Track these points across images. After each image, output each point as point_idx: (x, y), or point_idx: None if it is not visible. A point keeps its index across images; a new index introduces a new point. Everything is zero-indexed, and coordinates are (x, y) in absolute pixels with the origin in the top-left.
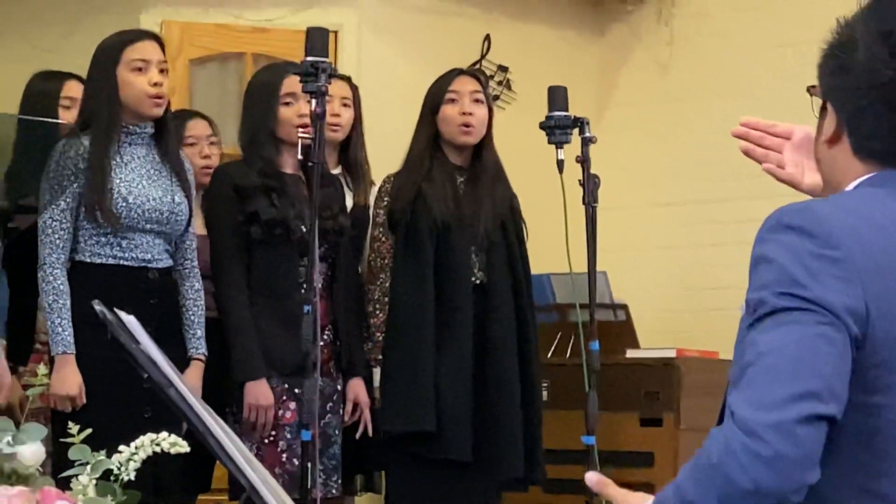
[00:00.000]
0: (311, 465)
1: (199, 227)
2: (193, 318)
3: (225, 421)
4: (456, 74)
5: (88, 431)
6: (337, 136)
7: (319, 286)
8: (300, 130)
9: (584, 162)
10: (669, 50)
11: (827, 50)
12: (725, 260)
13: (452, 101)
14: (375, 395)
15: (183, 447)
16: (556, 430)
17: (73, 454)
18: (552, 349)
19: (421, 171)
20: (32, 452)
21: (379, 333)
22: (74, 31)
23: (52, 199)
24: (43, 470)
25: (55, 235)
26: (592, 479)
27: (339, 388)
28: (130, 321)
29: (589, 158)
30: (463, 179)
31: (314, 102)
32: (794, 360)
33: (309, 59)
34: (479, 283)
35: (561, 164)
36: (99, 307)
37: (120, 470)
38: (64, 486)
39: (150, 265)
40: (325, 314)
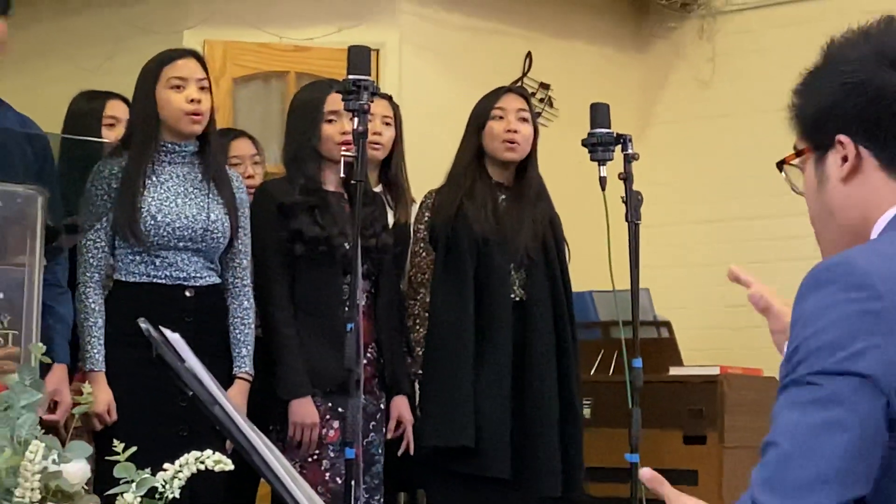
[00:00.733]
0: (354, 483)
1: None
2: (240, 336)
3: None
4: (503, 92)
5: (133, 449)
6: (378, 154)
7: (363, 304)
8: (342, 148)
9: (626, 179)
10: (711, 66)
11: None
12: (768, 277)
13: (498, 117)
14: (416, 411)
15: (227, 465)
16: (599, 447)
17: (118, 472)
18: (595, 366)
19: (463, 187)
20: (78, 470)
21: (419, 349)
22: (117, 51)
23: (88, 219)
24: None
25: (89, 255)
26: (646, 474)
27: (381, 406)
28: (176, 339)
29: (631, 175)
30: (504, 197)
31: (356, 120)
32: (808, 450)
33: (351, 77)
34: (518, 300)
35: (603, 181)
36: (144, 325)
37: (165, 488)
38: None
39: (186, 283)
40: (368, 332)
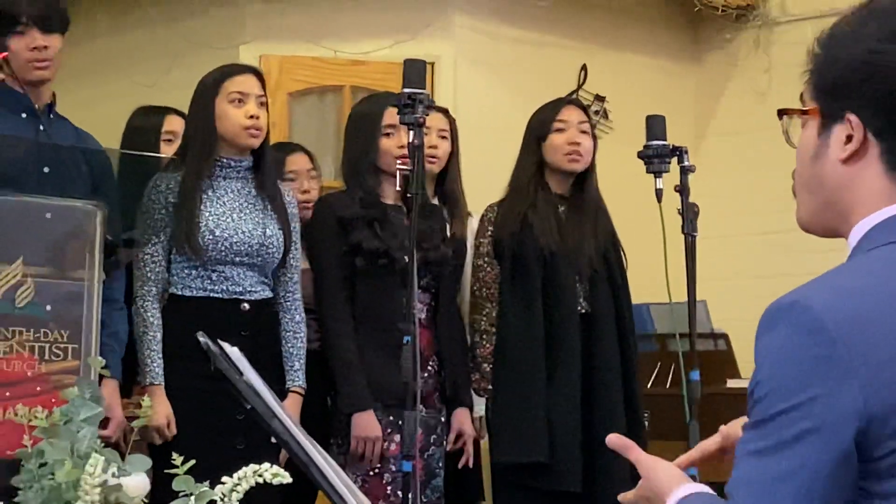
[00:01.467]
0: (412, 496)
1: (301, 258)
2: (293, 350)
3: (329, 452)
4: (563, 104)
5: (192, 463)
6: (434, 167)
7: (422, 317)
8: (398, 162)
9: (682, 191)
10: (768, 77)
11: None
12: None
13: (560, 130)
14: (477, 424)
15: (285, 477)
16: None
17: (177, 485)
18: (652, 379)
19: (526, 199)
20: (137, 484)
21: (486, 364)
22: (174, 66)
23: (145, 233)
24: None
25: (147, 269)
26: (612, 440)
27: (442, 419)
28: (234, 353)
29: (688, 187)
30: (564, 209)
31: (412, 134)
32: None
33: (406, 90)
34: (583, 312)
35: (659, 193)
36: (203, 339)
37: (223, 501)
38: None
39: (242, 297)
40: (428, 345)
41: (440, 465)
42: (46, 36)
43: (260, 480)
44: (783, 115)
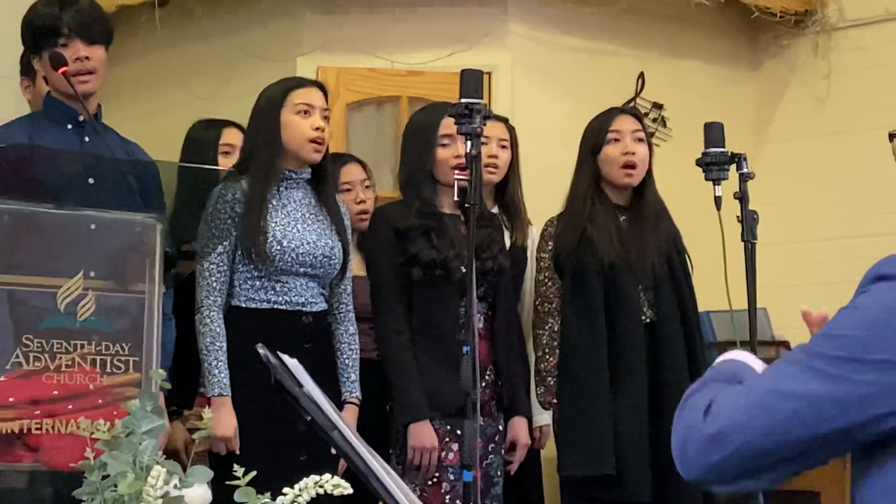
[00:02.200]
0: None
1: (355, 268)
2: (348, 361)
3: (388, 462)
4: (616, 113)
5: (253, 474)
6: (494, 177)
7: (480, 326)
8: (456, 172)
9: (741, 198)
10: (827, 83)
11: None
12: None
13: (614, 140)
14: (537, 433)
15: (346, 488)
16: None
17: (238, 497)
18: None
19: (584, 212)
20: (199, 495)
21: (551, 378)
22: (231, 78)
23: (209, 243)
24: None
25: (212, 279)
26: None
27: (500, 428)
28: (293, 364)
29: (747, 194)
30: (625, 218)
31: (469, 144)
32: (776, 416)
33: (463, 100)
34: (648, 321)
35: (718, 200)
36: (263, 351)
37: None
38: None
39: (304, 309)
40: (486, 354)
41: (499, 473)
42: (89, 47)
43: (321, 491)
44: (894, 137)
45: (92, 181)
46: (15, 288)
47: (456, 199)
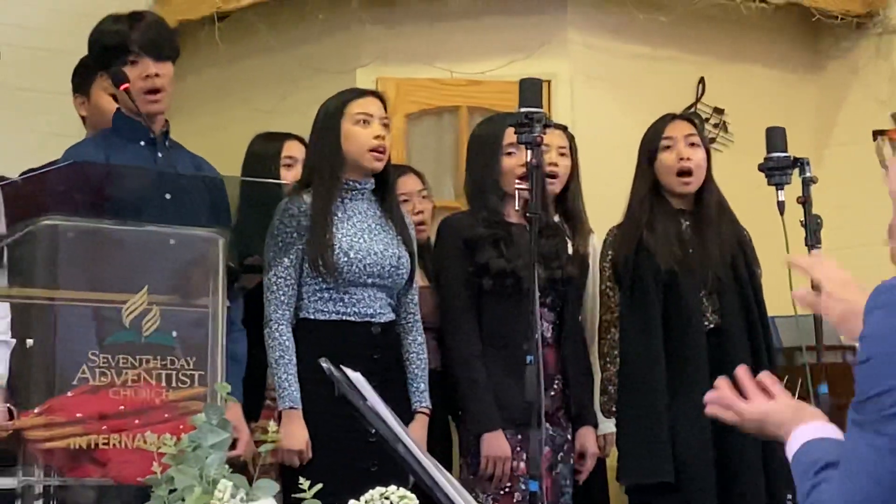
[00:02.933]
0: None
1: (418, 279)
2: (417, 371)
3: (459, 473)
4: (669, 119)
5: (319, 486)
6: (555, 185)
7: (548, 335)
8: (517, 182)
9: (805, 202)
10: (890, 86)
11: None
12: None
13: (668, 147)
14: (602, 442)
15: (412, 500)
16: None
17: None
18: None
19: (641, 221)
20: None
21: (612, 387)
22: (292, 91)
23: (276, 256)
24: None
25: (280, 292)
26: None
27: (569, 437)
28: (357, 378)
29: (810, 199)
30: (688, 223)
31: (529, 153)
32: (865, 475)
33: (523, 109)
34: (713, 326)
35: (782, 205)
36: (326, 365)
37: None
38: None
39: (372, 320)
40: (554, 363)
41: (568, 482)
42: (158, 64)
43: (387, 503)
44: (878, 135)
45: (168, 197)
46: (81, 304)
47: (517, 208)
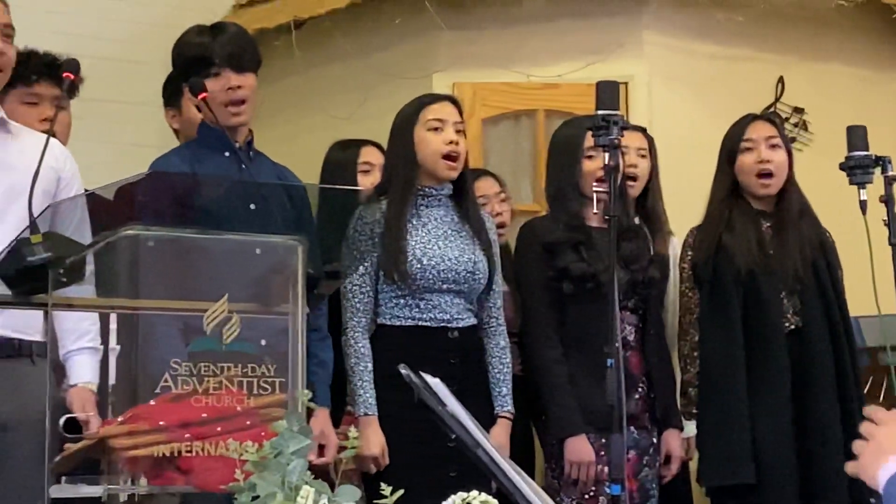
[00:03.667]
0: None
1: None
2: (500, 375)
3: (543, 478)
4: (750, 120)
5: (401, 492)
6: (634, 188)
7: (631, 338)
8: (595, 184)
9: (888, 201)
10: None
11: None
12: None
13: (748, 149)
14: (685, 445)
15: None
16: None
17: None
18: (864, 393)
19: (721, 221)
20: None
21: (692, 389)
22: (368, 97)
23: (352, 263)
24: None
25: (356, 300)
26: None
27: (654, 440)
28: (436, 384)
29: (893, 197)
30: (769, 224)
31: (607, 155)
32: None
33: (600, 112)
34: (794, 328)
35: (864, 204)
36: (405, 371)
37: None
38: None
39: (450, 325)
40: (638, 366)
41: (654, 486)
42: (240, 75)
43: None
44: None
45: (254, 207)
46: (163, 313)
47: (595, 211)
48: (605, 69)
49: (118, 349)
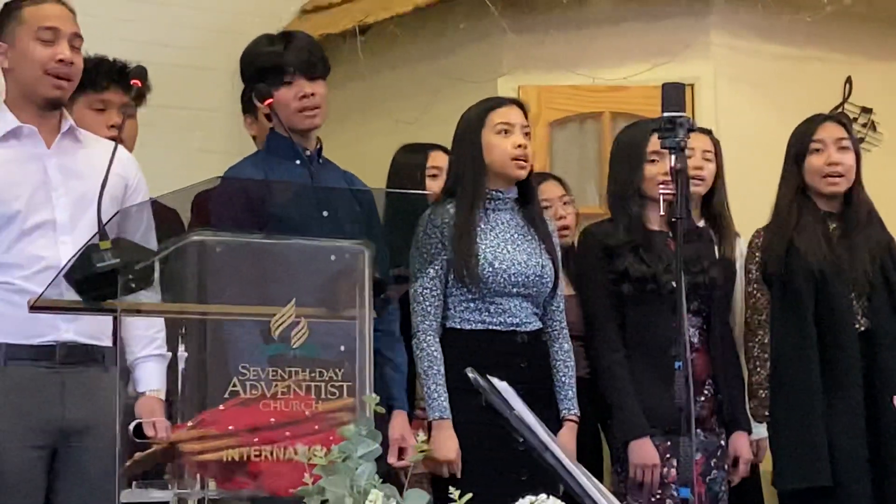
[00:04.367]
0: None
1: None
2: (565, 378)
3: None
4: (820, 121)
5: (470, 496)
6: (699, 189)
7: (695, 340)
8: (661, 186)
9: None
10: None
11: None
12: None
13: (817, 150)
14: (754, 447)
15: None
16: None
17: None
18: None
19: (790, 222)
20: None
21: (762, 391)
22: (434, 101)
23: (421, 267)
24: None
25: (426, 303)
26: None
27: (722, 443)
28: (504, 388)
29: None
30: (836, 226)
31: (673, 158)
32: None
33: (666, 114)
34: (863, 329)
35: None
36: (473, 375)
37: None
38: None
39: (518, 329)
40: (703, 368)
41: (723, 488)
42: (312, 83)
43: None
44: None
45: (326, 214)
46: (231, 318)
47: (662, 213)
48: (671, 71)
49: (186, 355)
